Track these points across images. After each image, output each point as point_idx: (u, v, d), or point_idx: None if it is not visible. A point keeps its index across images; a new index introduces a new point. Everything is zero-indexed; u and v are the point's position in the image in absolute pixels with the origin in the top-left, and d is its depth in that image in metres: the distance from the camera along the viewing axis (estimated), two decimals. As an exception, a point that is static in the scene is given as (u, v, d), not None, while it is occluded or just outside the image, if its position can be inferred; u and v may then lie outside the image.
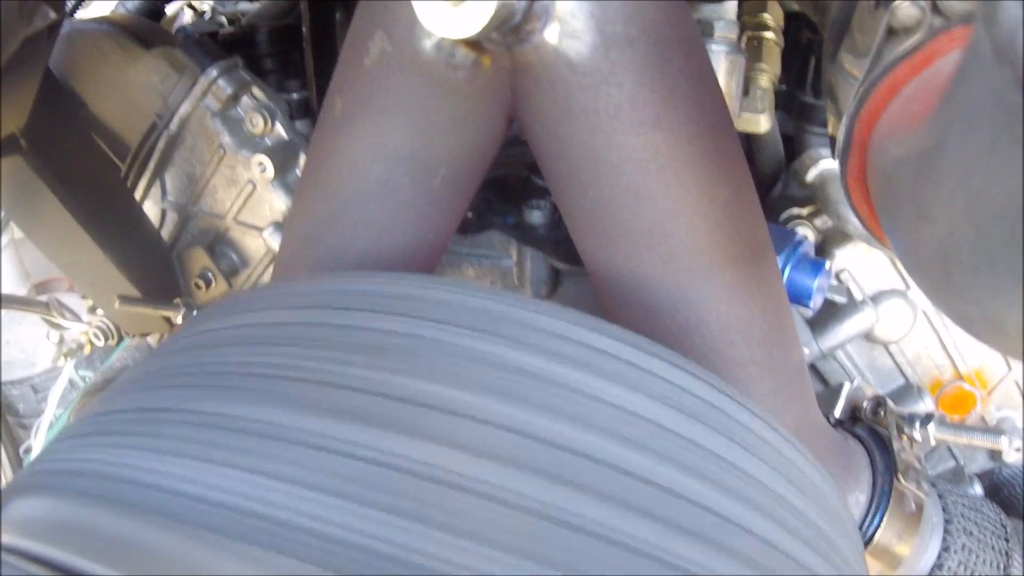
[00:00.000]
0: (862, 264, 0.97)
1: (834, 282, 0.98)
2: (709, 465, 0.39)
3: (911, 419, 0.73)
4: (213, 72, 1.03)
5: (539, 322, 0.43)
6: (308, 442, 0.34)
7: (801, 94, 1.04)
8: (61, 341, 1.38)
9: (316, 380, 0.38)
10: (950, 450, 1.05)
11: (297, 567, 0.29)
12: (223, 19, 1.30)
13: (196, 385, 0.40)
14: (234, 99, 1.05)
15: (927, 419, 0.73)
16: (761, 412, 0.46)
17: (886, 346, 1.00)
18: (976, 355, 1.01)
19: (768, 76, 0.89)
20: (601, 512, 0.33)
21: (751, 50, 0.90)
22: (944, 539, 0.68)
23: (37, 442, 1.48)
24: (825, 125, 1.02)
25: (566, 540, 0.32)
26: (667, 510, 0.35)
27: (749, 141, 1.04)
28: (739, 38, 0.82)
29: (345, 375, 0.38)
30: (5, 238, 2.34)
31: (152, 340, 1.24)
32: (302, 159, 1.06)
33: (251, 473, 0.33)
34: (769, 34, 0.91)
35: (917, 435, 0.72)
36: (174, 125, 1.07)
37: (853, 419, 0.75)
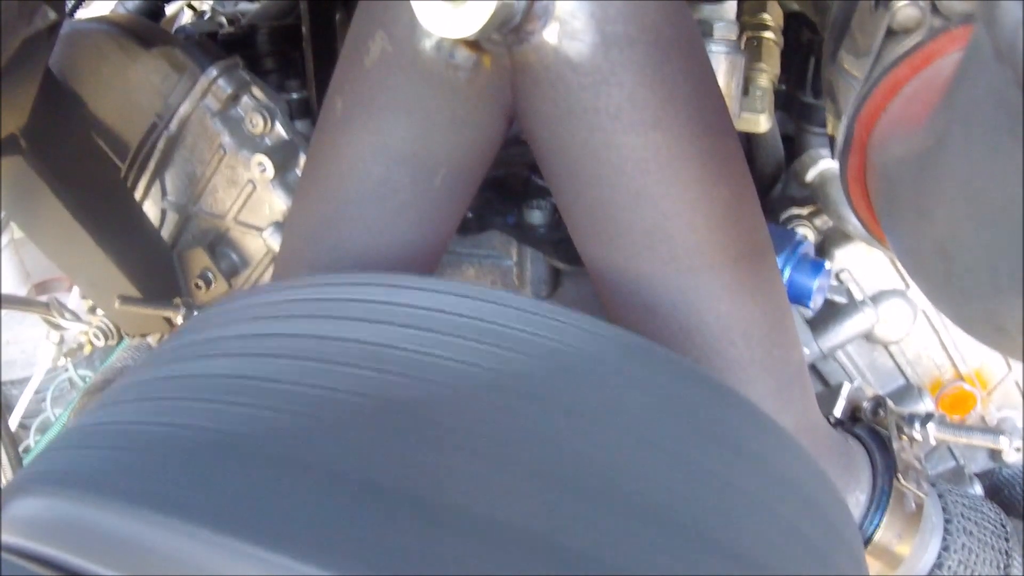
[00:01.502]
0: (862, 264, 0.98)
1: (834, 282, 0.98)
2: (702, 466, 0.39)
3: (911, 419, 0.73)
4: (213, 72, 1.03)
5: (534, 324, 0.43)
6: (305, 444, 0.34)
7: (801, 94, 1.04)
8: (61, 341, 1.38)
9: (315, 385, 0.38)
10: (950, 450, 1.05)
11: (296, 567, 0.29)
12: (223, 19, 1.30)
13: (194, 388, 0.40)
14: (234, 99, 1.05)
15: (927, 419, 0.73)
16: (759, 412, 0.46)
17: (886, 346, 1.00)
18: (976, 355, 1.01)
19: (768, 76, 0.89)
20: (593, 515, 0.33)
21: (751, 50, 0.90)
22: (944, 539, 0.68)
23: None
24: (825, 125, 1.02)
25: (556, 551, 0.32)
26: (658, 510, 0.35)
27: (749, 141, 1.04)
28: (739, 38, 0.82)
29: (345, 381, 0.38)
30: (5, 238, 2.34)
31: (152, 340, 1.24)
32: (302, 159, 1.06)
33: (249, 475, 0.33)
34: (769, 34, 0.91)
35: (917, 435, 0.72)
36: (174, 125, 1.07)
37: (853, 419, 0.75)
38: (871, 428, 0.73)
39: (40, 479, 0.37)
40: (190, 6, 1.39)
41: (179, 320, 1.01)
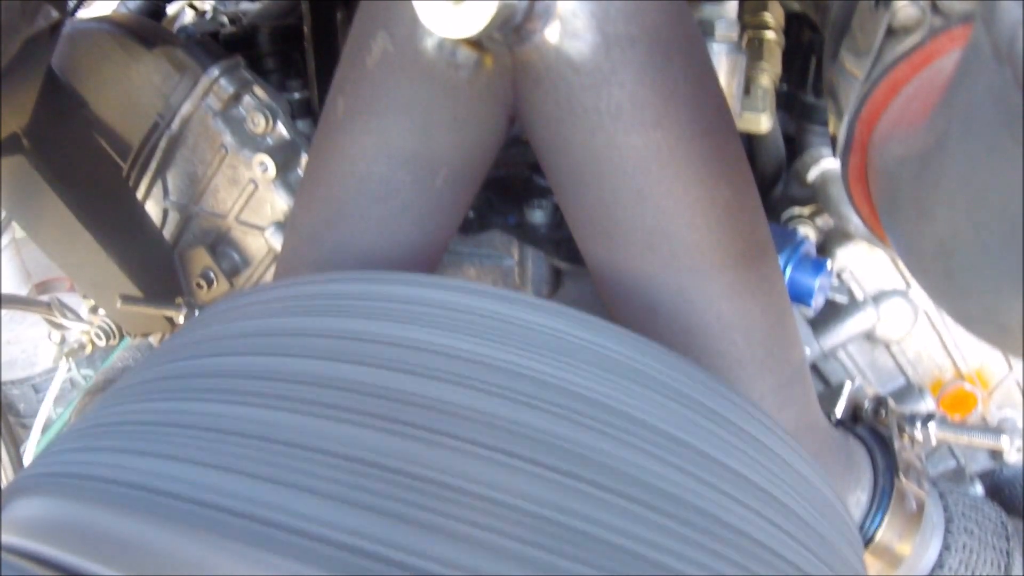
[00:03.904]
0: (863, 263, 0.97)
1: (835, 281, 0.98)
2: (703, 465, 0.39)
3: (912, 419, 0.73)
4: (215, 72, 1.03)
5: (539, 324, 0.43)
6: (307, 444, 0.34)
7: (802, 94, 1.04)
8: (62, 341, 1.38)
9: (315, 383, 0.38)
10: (951, 450, 1.05)
11: (296, 567, 0.29)
12: (224, 19, 1.30)
13: (196, 389, 0.40)
14: (236, 99, 1.05)
15: (928, 419, 0.73)
16: (759, 411, 0.46)
17: (887, 346, 1.00)
18: (977, 355, 1.01)
19: (769, 76, 0.89)
20: (598, 514, 0.33)
21: (752, 50, 0.90)
22: (945, 538, 0.68)
23: (31, 444, 1.48)
24: (826, 124, 1.02)
25: (564, 543, 0.32)
26: (659, 510, 0.35)
27: (750, 141, 1.04)
28: (740, 37, 0.82)
29: (345, 376, 0.38)
30: (6, 238, 2.35)
31: (154, 340, 1.24)
32: (304, 159, 1.06)
33: (250, 475, 0.33)
34: (770, 34, 0.91)
35: (918, 435, 0.72)
36: (176, 125, 1.07)
37: (854, 419, 0.75)
38: (872, 427, 0.73)
39: (40, 479, 0.37)
40: (191, 6, 1.39)
41: (181, 319, 1.01)
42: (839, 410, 0.74)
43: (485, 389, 0.37)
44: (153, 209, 1.15)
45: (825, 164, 0.99)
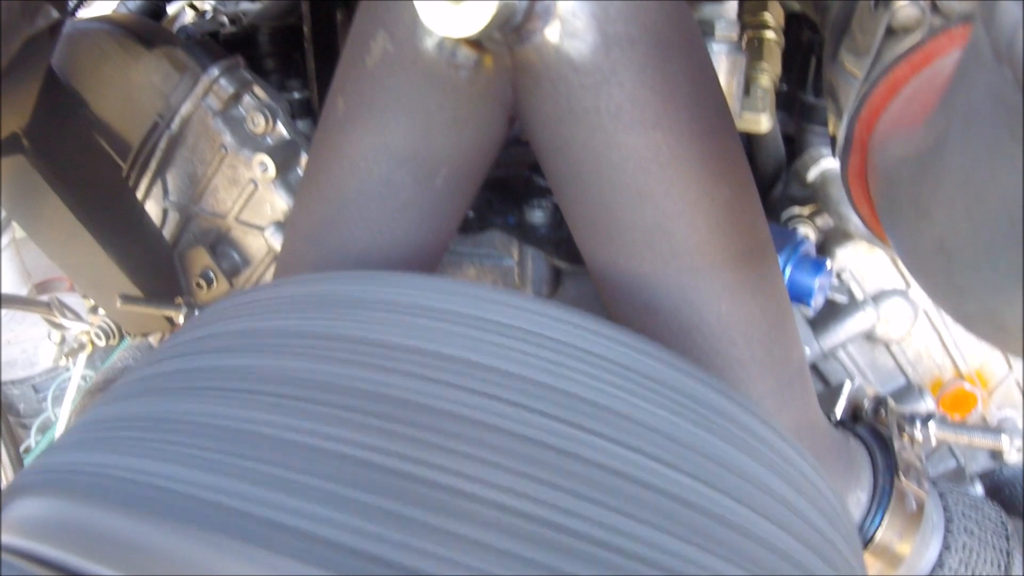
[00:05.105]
0: (863, 263, 0.98)
1: (835, 281, 0.98)
2: (704, 465, 0.39)
3: (912, 418, 0.73)
4: (214, 71, 1.03)
5: (539, 326, 0.43)
6: (306, 443, 0.34)
7: (802, 94, 1.04)
8: (62, 341, 1.38)
9: (315, 383, 0.38)
10: (951, 450, 1.05)
11: (296, 567, 0.29)
12: (224, 19, 1.30)
13: (195, 389, 0.40)
14: (235, 98, 1.05)
15: (928, 419, 0.73)
16: (759, 410, 0.46)
17: (887, 345, 1.00)
18: (977, 355, 1.01)
19: (769, 76, 0.89)
20: (596, 513, 0.33)
21: (752, 50, 0.90)
22: (945, 538, 0.69)
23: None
24: (826, 124, 1.02)
25: (563, 542, 0.32)
26: (660, 510, 0.35)
27: (750, 141, 1.04)
28: (740, 38, 0.82)
29: (343, 377, 0.38)
30: (6, 238, 2.35)
31: (153, 340, 1.24)
32: (303, 159, 1.06)
33: (250, 474, 0.33)
34: (770, 34, 0.91)
35: (918, 434, 0.72)
36: (176, 125, 1.07)
37: (854, 418, 0.75)
38: (872, 427, 0.73)
39: (41, 479, 0.37)
40: (191, 6, 1.39)
41: (180, 319, 1.01)
42: (839, 410, 0.74)
43: (486, 392, 0.37)
44: (153, 209, 1.15)
45: (825, 164, 0.99)
